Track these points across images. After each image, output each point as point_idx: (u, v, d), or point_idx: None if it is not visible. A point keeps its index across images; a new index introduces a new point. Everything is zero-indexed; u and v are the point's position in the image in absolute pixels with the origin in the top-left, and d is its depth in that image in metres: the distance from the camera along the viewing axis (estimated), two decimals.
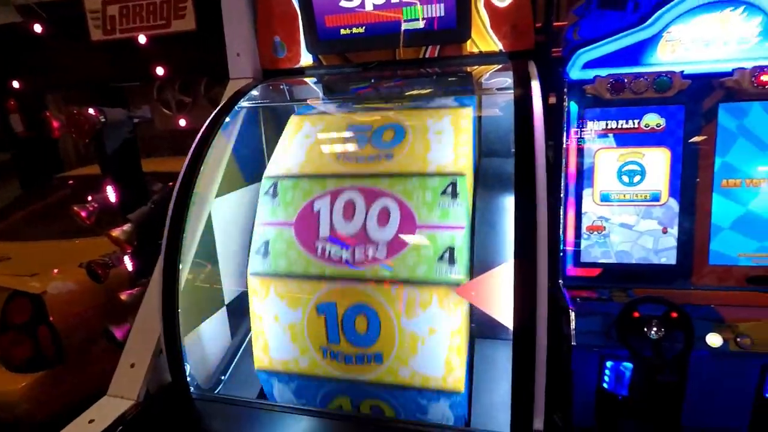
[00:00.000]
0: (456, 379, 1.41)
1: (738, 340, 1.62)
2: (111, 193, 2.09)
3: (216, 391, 1.66)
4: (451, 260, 1.40)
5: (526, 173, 1.19)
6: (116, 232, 2.02)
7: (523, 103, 1.32)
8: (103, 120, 1.95)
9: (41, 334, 2.64)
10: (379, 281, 1.44)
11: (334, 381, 1.50)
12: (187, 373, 1.46)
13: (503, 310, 1.26)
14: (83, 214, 2.12)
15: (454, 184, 1.46)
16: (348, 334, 1.46)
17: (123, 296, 2.00)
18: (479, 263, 1.48)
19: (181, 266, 1.47)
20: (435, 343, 1.40)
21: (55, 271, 2.87)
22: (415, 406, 1.44)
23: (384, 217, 1.48)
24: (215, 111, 1.68)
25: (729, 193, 1.86)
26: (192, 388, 1.48)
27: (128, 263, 2.15)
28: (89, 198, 2.17)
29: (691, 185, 1.87)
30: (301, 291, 1.50)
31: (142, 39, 4.14)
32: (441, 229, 1.44)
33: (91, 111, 2.01)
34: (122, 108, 2.11)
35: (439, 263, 1.40)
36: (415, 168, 1.50)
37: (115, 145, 2.08)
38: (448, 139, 1.56)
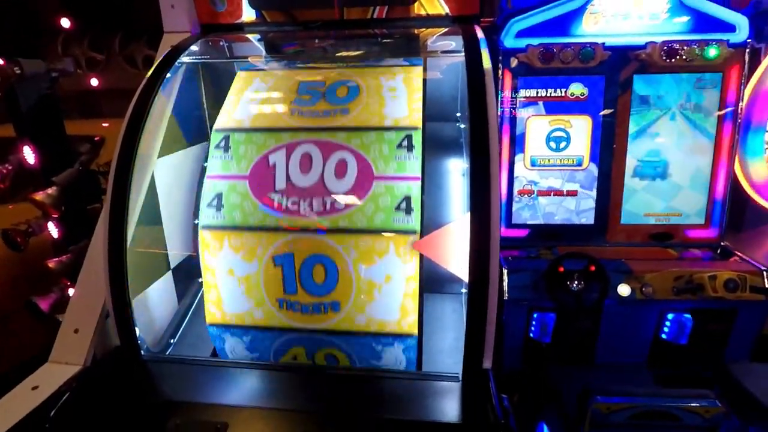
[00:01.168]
0: (410, 323, 1.49)
1: (643, 289, 1.86)
2: (29, 155, 1.91)
3: (167, 354, 1.63)
4: (408, 210, 1.46)
5: (481, 134, 1.25)
6: (40, 196, 1.85)
7: (475, 66, 1.37)
8: (18, 72, 1.76)
9: None
10: (336, 231, 1.47)
11: (290, 331, 1.52)
12: (137, 336, 1.42)
13: (455, 263, 1.35)
14: None
15: (409, 137, 1.51)
16: (305, 284, 1.49)
17: (51, 264, 1.86)
18: (428, 221, 1.55)
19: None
20: (391, 289, 1.47)
21: None
22: (369, 352, 1.50)
23: (341, 169, 1.51)
24: (155, 65, 1.57)
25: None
26: (142, 351, 1.44)
27: (53, 230, 1.99)
28: None
29: (609, 151, 2.06)
30: (257, 243, 1.49)
31: None
32: (398, 180, 1.49)
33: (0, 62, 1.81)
34: (40, 60, 1.91)
35: (396, 212, 1.46)
36: (372, 122, 1.53)
37: (32, 101, 1.89)
38: (402, 95, 1.60)
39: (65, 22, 4.20)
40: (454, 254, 1.35)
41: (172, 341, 1.69)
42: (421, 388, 1.29)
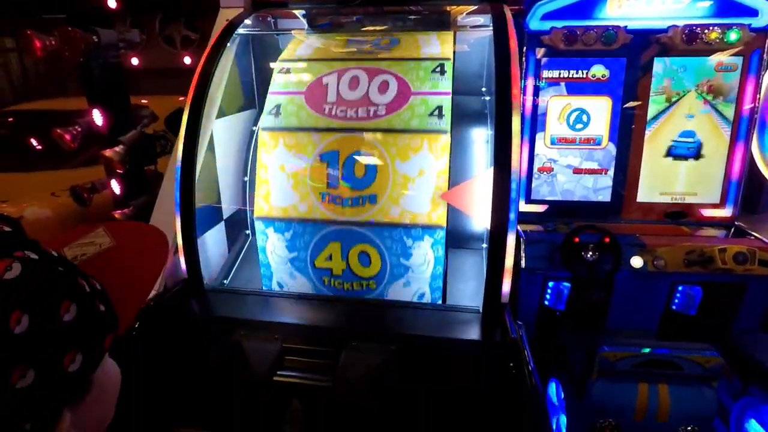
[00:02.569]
0: (439, 215, 1.64)
1: (655, 261, 1.93)
2: (98, 117, 2.12)
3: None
4: (440, 115, 1.67)
5: (504, 102, 1.40)
6: (109, 153, 2.07)
7: (502, 42, 1.51)
8: (96, 40, 1.96)
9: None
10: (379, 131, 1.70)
11: (330, 224, 1.69)
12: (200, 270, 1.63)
13: (478, 213, 1.51)
14: (67, 137, 2.14)
15: (442, 65, 1.73)
16: (347, 178, 1.69)
17: (117, 214, 2.08)
18: (454, 184, 1.70)
19: None
20: (423, 182, 1.65)
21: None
22: (401, 247, 1.67)
23: (383, 87, 1.75)
24: (217, 35, 1.76)
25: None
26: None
27: (116, 186, 2.21)
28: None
29: (627, 131, 2.14)
30: (308, 142, 1.71)
31: None
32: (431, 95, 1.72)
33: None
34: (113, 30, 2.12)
35: (430, 117, 1.68)
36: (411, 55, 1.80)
37: (103, 69, 2.10)
38: (435, 42, 1.84)
39: (112, 2, 4.41)
40: (479, 205, 1.50)
41: (225, 282, 1.89)
42: (446, 316, 1.47)
